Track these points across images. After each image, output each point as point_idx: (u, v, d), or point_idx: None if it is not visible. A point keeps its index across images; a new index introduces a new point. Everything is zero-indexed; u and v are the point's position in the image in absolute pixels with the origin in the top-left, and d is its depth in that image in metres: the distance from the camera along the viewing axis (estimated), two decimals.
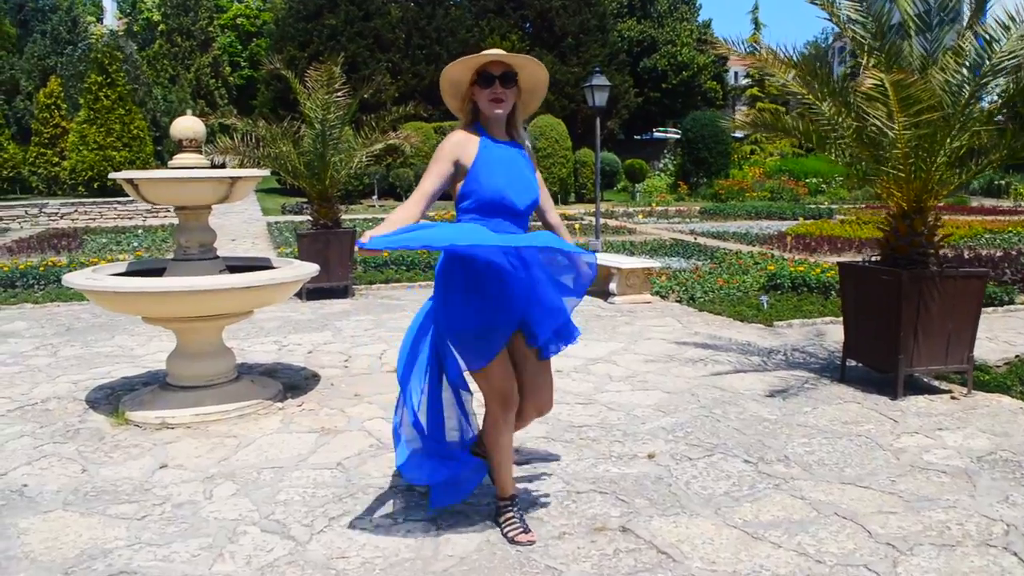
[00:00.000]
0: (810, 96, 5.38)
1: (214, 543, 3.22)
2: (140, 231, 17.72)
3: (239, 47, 45.10)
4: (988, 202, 26.04)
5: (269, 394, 5.13)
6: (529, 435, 4.40)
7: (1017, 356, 6.23)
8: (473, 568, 3.02)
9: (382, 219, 14.48)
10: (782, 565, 3.04)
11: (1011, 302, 8.43)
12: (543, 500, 3.63)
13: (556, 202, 26.84)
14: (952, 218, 18.01)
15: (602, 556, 3.11)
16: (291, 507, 3.55)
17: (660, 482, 3.84)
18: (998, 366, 5.98)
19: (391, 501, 3.63)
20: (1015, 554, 3.11)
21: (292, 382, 5.62)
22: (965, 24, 5.26)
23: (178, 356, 5.03)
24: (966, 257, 11.31)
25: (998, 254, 12.11)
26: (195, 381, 4.94)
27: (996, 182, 28.12)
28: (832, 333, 7.15)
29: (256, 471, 3.97)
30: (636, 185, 31.75)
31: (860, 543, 3.22)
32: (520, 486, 3.66)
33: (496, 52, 3.11)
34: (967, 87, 4.95)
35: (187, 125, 5.21)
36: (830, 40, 54.94)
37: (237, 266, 5.34)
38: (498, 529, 3.30)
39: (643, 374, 5.82)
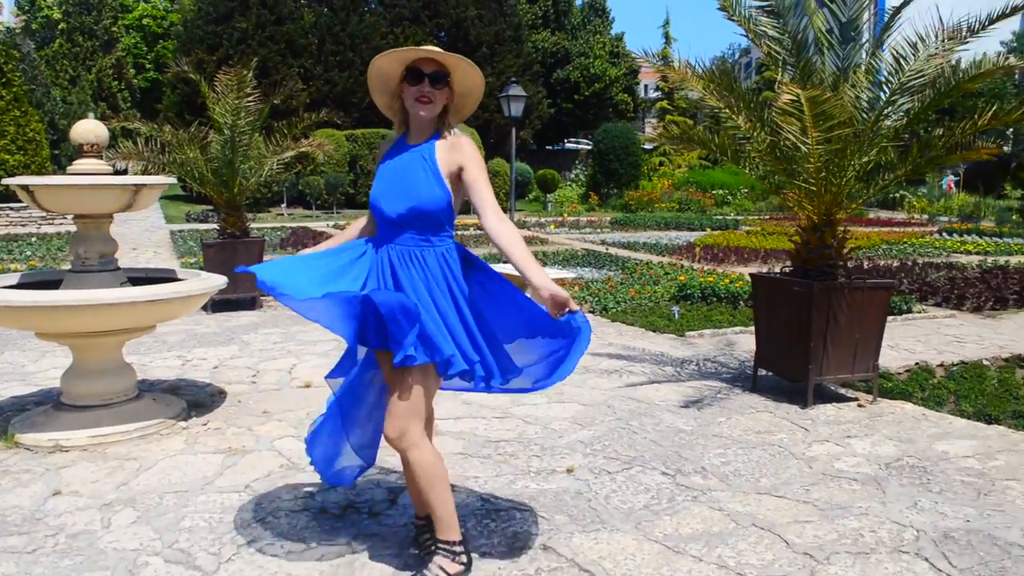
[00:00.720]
0: (726, 110, 5.46)
1: None
2: (34, 239, 16.92)
3: (144, 49, 43.78)
4: (884, 214, 27.12)
5: (172, 413, 4.90)
6: (445, 451, 4.31)
7: (917, 363, 6.43)
8: None
9: (291, 228, 14.23)
10: None
11: (909, 311, 8.74)
12: (461, 519, 3.53)
13: (468, 211, 26.79)
14: (852, 229, 18.62)
15: (523, 575, 3.05)
16: (197, 534, 3.37)
17: (580, 497, 3.80)
18: (899, 373, 6.17)
19: (304, 525, 3.48)
20: (927, 559, 3.17)
21: (197, 399, 5.38)
22: (875, 41, 5.42)
23: (74, 373, 4.75)
24: (865, 268, 11.70)
25: (895, 264, 12.60)
26: (92, 400, 4.68)
27: (891, 195, 29.29)
28: (742, 343, 7.27)
29: (158, 496, 3.76)
30: (548, 195, 32.01)
31: (779, 553, 3.23)
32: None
33: (430, 48, 2.92)
34: (878, 104, 5.09)
35: (88, 128, 4.95)
36: (736, 56, 56.58)
37: (139, 278, 5.10)
38: (416, 551, 3.20)
39: (559, 386, 5.75)
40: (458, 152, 2.94)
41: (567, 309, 2.82)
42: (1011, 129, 25.93)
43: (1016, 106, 5.28)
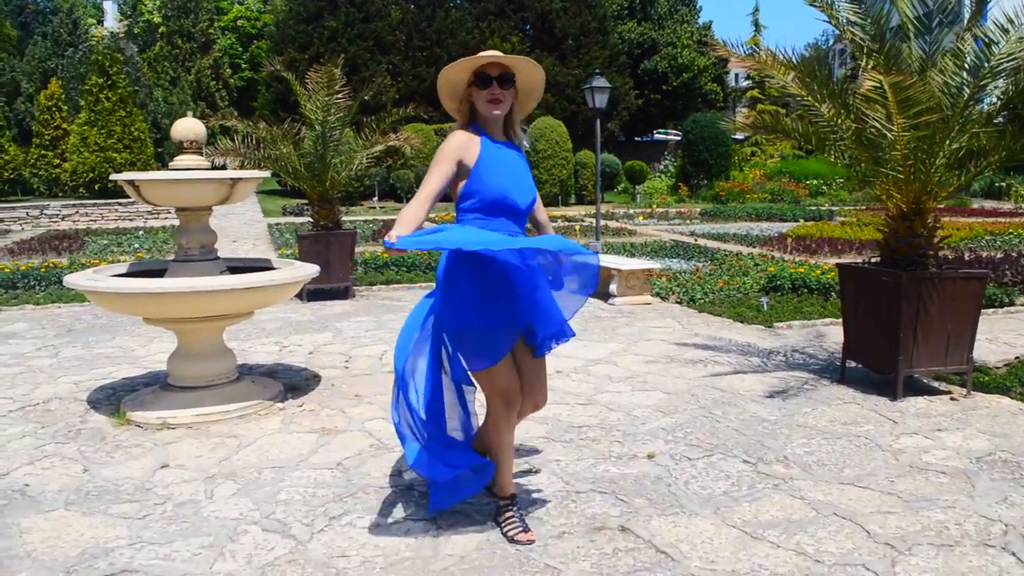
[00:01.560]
0: (809, 98, 5.39)
1: (215, 542, 3.23)
2: (141, 232, 17.75)
3: (240, 49, 45.15)
4: (989, 204, 26.04)
5: (270, 394, 5.15)
6: (529, 435, 4.42)
7: (1017, 357, 6.23)
8: (473, 567, 3.03)
9: (383, 221, 14.65)
10: (780, 564, 3.05)
11: (1011, 303, 8.43)
12: (542, 500, 3.64)
13: (556, 203, 26.88)
14: (952, 220, 18.02)
15: (601, 555, 3.12)
16: (291, 506, 3.56)
17: (659, 482, 3.85)
18: (998, 367, 5.99)
19: (391, 501, 3.64)
20: (1013, 554, 3.12)
21: (293, 383, 5.63)
22: (964, 26, 5.27)
23: (179, 357, 5.04)
24: (966, 259, 11.31)
25: (998, 256, 12.12)
26: (196, 382, 4.96)
27: (997, 184, 28.13)
28: (832, 334, 7.16)
29: (257, 471, 3.99)
30: (636, 187, 31.77)
31: (859, 543, 3.23)
32: (519, 486, 3.67)
33: (493, 53, 3.13)
34: (966, 89, 4.96)
35: (188, 127, 5.23)
36: (831, 42, 54.96)
37: (238, 267, 5.36)
38: (498, 528, 3.31)
39: (643, 375, 5.83)
40: (528, 162, 3.38)
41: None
42: None
43: None
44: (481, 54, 3.13)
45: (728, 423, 4.74)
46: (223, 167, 8.95)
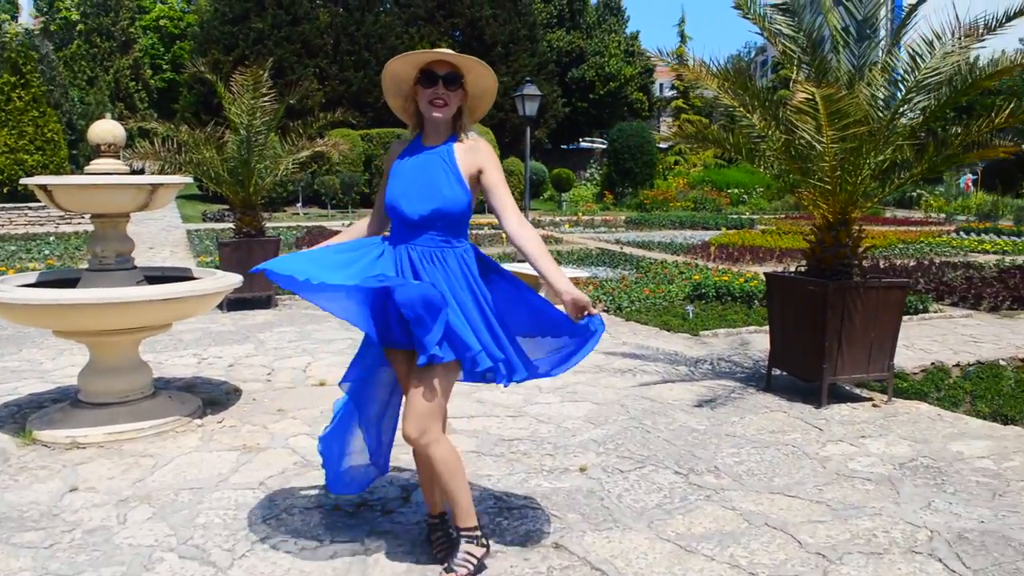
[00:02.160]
0: (740, 108, 5.44)
1: (128, 572, 3.04)
2: (52, 238, 17.06)
3: (161, 49, 44.01)
4: (900, 213, 26.95)
5: (188, 410, 4.94)
6: (459, 450, 4.31)
7: (933, 363, 6.40)
8: None
9: (307, 228, 14.25)
10: None
11: (925, 310, 8.68)
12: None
13: (483, 211, 26.83)
14: (868, 229, 18.48)
15: (535, 574, 3.05)
16: (211, 531, 3.40)
17: (592, 496, 3.80)
18: (915, 373, 6.14)
19: (317, 522, 3.50)
20: (940, 560, 3.16)
21: (212, 397, 5.42)
22: (891, 40, 5.39)
23: (91, 371, 4.80)
24: (881, 267, 11.64)
25: (911, 264, 12.52)
26: (109, 397, 4.72)
27: (908, 193, 29.12)
28: (756, 342, 7.25)
29: (174, 493, 3.80)
30: (563, 194, 31.98)
31: (791, 553, 3.23)
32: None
33: (443, 51, 2.92)
34: (893, 103, 5.07)
35: (106, 129, 4.99)
36: (752, 54, 56.35)
37: (156, 276, 5.14)
38: (425, 551, 3.21)
39: (572, 385, 5.79)
40: (477, 155, 2.97)
41: (587, 312, 2.86)
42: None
43: None
44: (430, 50, 2.92)
45: (658, 433, 4.73)
46: (141, 171, 8.63)
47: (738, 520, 3.55)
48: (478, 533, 3.03)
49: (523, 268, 9.09)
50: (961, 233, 18.79)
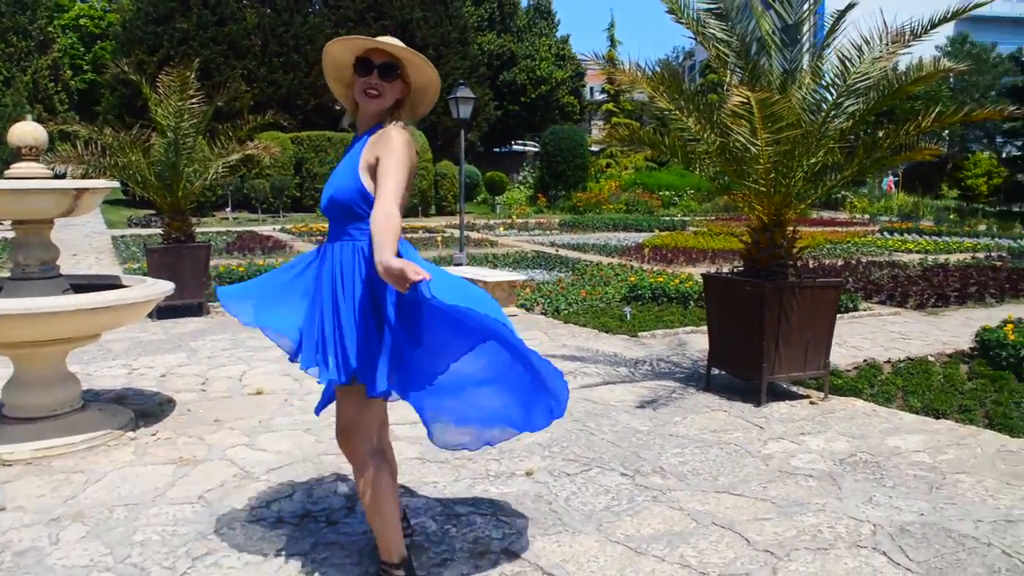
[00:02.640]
0: (676, 112, 5.49)
1: None
2: None
3: (81, 49, 42.71)
4: (826, 214, 27.64)
5: (119, 423, 4.76)
6: (402, 457, 4.26)
7: (865, 360, 6.55)
8: None
9: (237, 232, 13.92)
10: None
11: (856, 309, 8.90)
12: (421, 525, 3.49)
13: (416, 214, 26.70)
14: (798, 229, 18.98)
15: None
16: (149, 548, 3.27)
17: (540, 500, 3.78)
18: (848, 370, 6.28)
19: (260, 536, 3.40)
20: (884, 553, 3.22)
21: (145, 409, 5.24)
22: (821, 45, 5.50)
23: (16, 385, 4.59)
24: (811, 267, 11.91)
25: (840, 263, 12.84)
26: (36, 412, 4.52)
27: (834, 195, 29.90)
28: (694, 342, 7.33)
29: (108, 510, 3.64)
30: (496, 198, 32.00)
31: (740, 551, 3.25)
32: None
33: (381, 39, 2.80)
34: (824, 106, 5.17)
35: (26, 131, 4.78)
36: (680, 59, 57.24)
37: (83, 285, 4.95)
38: (373, 561, 3.14)
39: None
40: (381, 142, 2.74)
41: (409, 282, 2.38)
42: (947, 131, 26.67)
43: (956, 109, 5.43)
44: (370, 38, 2.80)
45: (603, 435, 4.73)
46: (63, 176, 8.33)
47: (686, 520, 3.56)
48: (396, 573, 2.85)
49: (482, 274, 9.05)
50: (885, 233, 19.36)
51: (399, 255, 2.56)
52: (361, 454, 2.82)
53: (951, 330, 7.99)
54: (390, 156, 2.70)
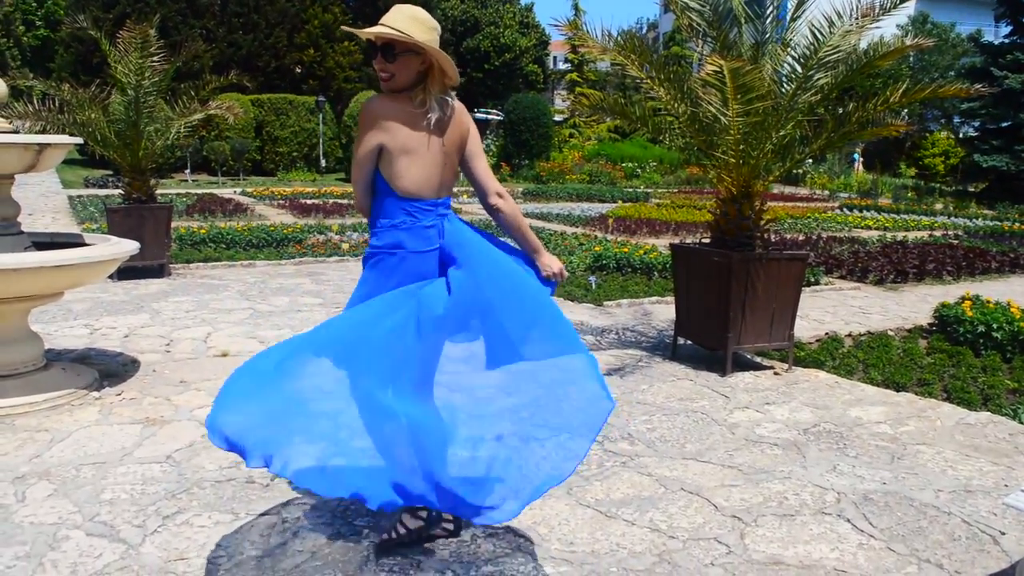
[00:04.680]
0: (648, 81, 5.49)
1: (32, 551, 2.87)
2: None
3: (33, 5, 41.45)
4: (788, 189, 27.91)
5: (83, 383, 4.69)
6: None
7: (827, 333, 6.67)
8: (327, 563, 2.86)
9: (197, 195, 13.74)
10: (637, 542, 3.08)
11: (817, 283, 9.03)
12: None
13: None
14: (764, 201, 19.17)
15: (460, 543, 3.04)
16: (118, 507, 3.24)
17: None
18: (811, 343, 6.38)
19: (231, 495, 3.39)
20: (848, 520, 3.30)
21: (109, 369, 5.17)
22: (791, 17, 5.53)
23: None
24: (774, 240, 12.04)
25: (801, 238, 13.01)
26: None
27: (794, 170, 30.21)
28: (659, 312, 7.40)
29: (75, 468, 3.60)
30: None
31: (708, 516, 3.31)
32: None
33: (372, 30, 2.68)
34: (795, 78, 5.20)
35: None
36: (644, 30, 57.13)
37: (44, 243, 4.85)
38: (345, 521, 3.15)
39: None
40: (467, 119, 2.93)
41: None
42: (906, 110, 27.02)
43: (926, 84, 5.50)
44: (364, 29, 2.70)
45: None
46: (16, 132, 8.10)
47: (655, 486, 3.61)
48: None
49: None
50: (844, 210, 19.61)
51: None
52: None
53: (910, 305, 8.15)
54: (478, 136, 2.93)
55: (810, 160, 29.01)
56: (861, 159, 32.51)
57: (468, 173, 2.97)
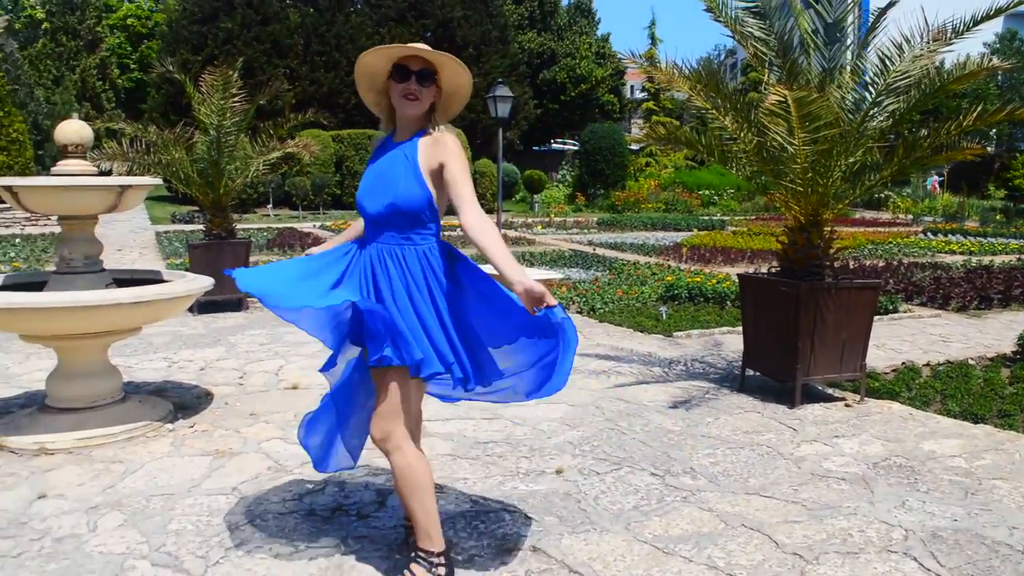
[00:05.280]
0: (713, 111, 5.46)
1: None
2: (18, 240, 16.78)
3: (128, 48, 43.56)
4: (869, 214, 27.25)
5: (158, 415, 4.87)
6: (434, 453, 4.30)
7: (903, 363, 6.46)
8: None
9: (277, 229, 14.10)
10: None
11: (895, 311, 8.78)
12: (450, 520, 3.53)
13: (455, 213, 26.74)
14: (837, 230, 18.75)
15: None
16: (184, 537, 3.34)
17: (569, 498, 3.79)
18: (886, 373, 6.19)
19: (292, 527, 3.46)
20: (915, 559, 3.18)
21: (183, 401, 5.35)
22: (860, 43, 5.44)
23: (59, 375, 4.71)
24: (851, 268, 11.75)
25: (881, 264, 12.66)
26: (77, 402, 4.64)
27: (876, 195, 29.46)
28: (729, 343, 7.29)
29: (145, 499, 3.74)
30: (535, 196, 32.03)
31: (768, 554, 3.24)
32: None
33: (416, 45, 2.89)
34: (863, 105, 5.11)
35: (73, 129, 4.91)
36: (722, 57, 56.76)
37: (125, 279, 5.06)
38: (403, 555, 3.18)
39: None
40: (441, 148, 2.88)
41: (544, 304, 2.70)
42: (994, 130, 26.16)
43: (1000, 107, 5.32)
44: (405, 45, 2.89)
45: (634, 435, 4.73)
46: (109, 172, 8.51)
47: (715, 521, 3.55)
48: (436, 560, 2.88)
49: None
50: (928, 234, 19.04)
51: (457, 261, 2.99)
52: (396, 437, 2.86)
53: (993, 333, 7.85)
54: (459, 163, 2.88)
55: (887, 185, 28.30)
56: (937, 181, 31.48)
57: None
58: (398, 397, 2.85)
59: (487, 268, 3.14)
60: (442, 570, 2.89)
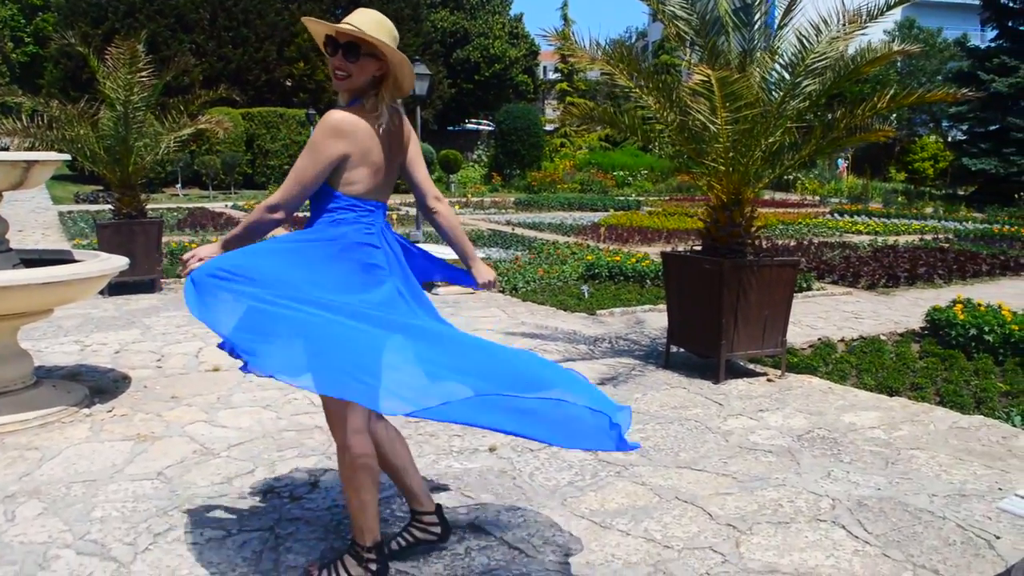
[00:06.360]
0: (636, 90, 5.50)
1: (22, 571, 2.84)
2: None
3: (22, 21, 41.40)
4: (778, 195, 28.00)
5: (74, 400, 4.67)
6: None
7: (820, 339, 6.67)
8: None
9: (188, 209, 13.70)
10: (632, 553, 3.06)
11: (809, 288, 9.05)
12: (386, 499, 3.48)
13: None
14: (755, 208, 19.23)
15: (454, 556, 3.02)
16: (109, 524, 3.21)
17: (504, 475, 3.79)
18: (804, 349, 6.38)
19: (223, 511, 3.36)
20: (843, 527, 3.29)
21: (99, 386, 5.14)
22: (778, 24, 5.55)
23: None
24: (765, 247, 12.06)
25: (792, 244, 13.03)
26: None
27: (785, 177, 30.31)
28: (652, 320, 7.40)
29: (65, 486, 3.57)
30: (451, 176, 31.86)
31: (703, 525, 3.30)
32: None
33: (341, 25, 2.69)
34: (783, 86, 5.22)
35: None
36: (633, 39, 57.35)
37: (33, 260, 4.82)
38: (339, 536, 3.13)
39: None
40: (408, 129, 2.89)
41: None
42: (894, 115, 27.14)
43: (912, 90, 5.52)
44: (331, 23, 2.71)
45: None
46: (6, 149, 8.09)
47: (649, 495, 3.60)
48: (367, 555, 2.74)
49: (439, 251, 8.99)
50: (835, 215, 19.70)
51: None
52: (345, 438, 2.71)
53: (902, 309, 8.17)
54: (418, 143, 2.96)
55: (800, 166, 29.19)
56: (846, 164, 32.62)
57: (409, 178, 2.95)
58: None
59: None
60: (373, 565, 2.77)
